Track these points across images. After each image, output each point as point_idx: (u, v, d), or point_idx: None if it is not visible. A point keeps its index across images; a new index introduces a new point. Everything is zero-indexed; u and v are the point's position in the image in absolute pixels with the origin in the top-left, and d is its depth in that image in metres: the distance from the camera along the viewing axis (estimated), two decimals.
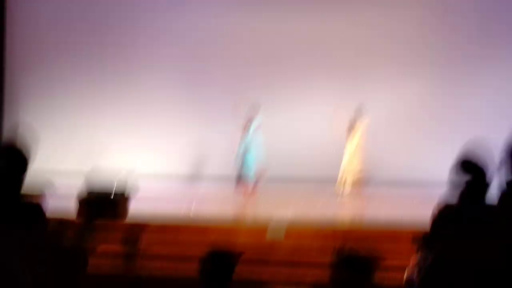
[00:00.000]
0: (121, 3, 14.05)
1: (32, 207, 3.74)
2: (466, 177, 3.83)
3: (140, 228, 8.88)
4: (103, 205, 8.97)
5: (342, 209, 11.47)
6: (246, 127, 12.45)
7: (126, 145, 13.73)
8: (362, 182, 12.44)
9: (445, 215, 3.84)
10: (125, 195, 9.30)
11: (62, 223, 8.38)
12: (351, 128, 12.45)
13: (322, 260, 5.61)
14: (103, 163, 11.29)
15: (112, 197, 9.04)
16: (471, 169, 3.84)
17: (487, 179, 3.80)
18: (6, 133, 12.91)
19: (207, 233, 8.92)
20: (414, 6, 13.55)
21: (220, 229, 9.06)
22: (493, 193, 3.85)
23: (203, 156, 13.76)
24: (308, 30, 13.68)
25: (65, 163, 12.98)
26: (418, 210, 9.75)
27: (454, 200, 3.86)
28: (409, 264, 4.71)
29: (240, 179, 12.52)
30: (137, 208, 9.58)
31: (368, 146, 12.66)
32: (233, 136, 12.62)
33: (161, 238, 8.83)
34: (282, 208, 10.97)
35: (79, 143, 13.67)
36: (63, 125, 13.84)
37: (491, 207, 3.84)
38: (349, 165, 12.41)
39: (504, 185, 3.91)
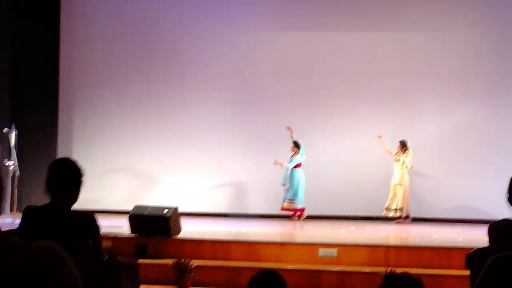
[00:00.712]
0: (168, 32, 13.89)
1: (87, 216, 3.83)
2: None
3: (191, 246, 8.95)
4: (155, 222, 9.10)
5: (393, 232, 11.35)
6: (293, 154, 12.53)
7: (168, 184, 13.40)
8: (408, 214, 12.38)
9: (502, 229, 3.74)
10: (175, 215, 9.42)
11: (115, 239, 8.52)
12: (398, 158, 12.36)
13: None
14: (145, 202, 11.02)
15: (163, 216, 9.17)
16: None
17: None
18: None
19: (258, 251, 8.87)
20: (463, 30, 13.07)
21: (271, 246, 8.97)
22: None
23: (248, 195, 13.43)
24: (351, 56, 13.29)
25: (105, 203, 12.64)
26: (470, 233, 9.72)
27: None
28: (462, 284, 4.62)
29: (288, 201, 12.56)
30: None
31: (416, 175, 12.58)
32: (276, 172, 12.59)
33: (212, 255, 8.83)
34: (332, 230, 10.97)
35: (120, 182, 13.51)
36: (105, 165, 13.41)
37: None
38: (397, 195, 12.33)
39: None
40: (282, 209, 12.55)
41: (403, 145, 12.32)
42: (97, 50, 13.78)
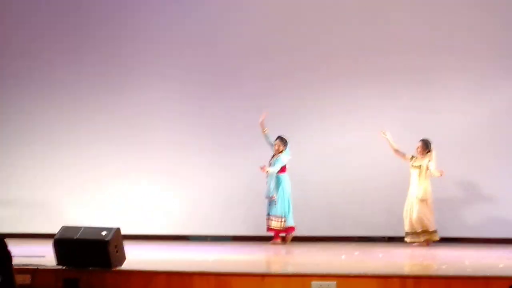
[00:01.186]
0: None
1: None
2: None
3: (140, 279, 8.68)
4: (90, 249, 8.82)
5: (410, 257, 11.35)
6: (275, 155, 12.65)
7: (108, 196, 13.60)
8: (434, 232, 12.43)
9: None
10: (117, 239, 9.16)
11: (35, 273, 8.27)
12: (417, 164, 12.38)
13: None
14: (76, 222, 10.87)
15: (100, 240, 8.88)
16: None
17: None
18: None
19: (229, 285, 8.59)
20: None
21: (247, 279, 8.68)
22: None
23: (215, 211, 13.50)
24: (353, 23, 13.43)
25: (22, 225, 13.07)
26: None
27: None
28: None
29: (276, 218, 12.59)
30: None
31: (439, 182, 12.52)
32: (254, 180, 12.80)
33: None
34: (330, 256, 10.90)
35: (43, 195, 13.67)
36: (24, 172, 13.79)
37: None
38: (421, 214, 12.32)
39: None
40: (269, 229, 12.43)
41: (426, 146, 12.26)
42: (8, 18, 13.61)
